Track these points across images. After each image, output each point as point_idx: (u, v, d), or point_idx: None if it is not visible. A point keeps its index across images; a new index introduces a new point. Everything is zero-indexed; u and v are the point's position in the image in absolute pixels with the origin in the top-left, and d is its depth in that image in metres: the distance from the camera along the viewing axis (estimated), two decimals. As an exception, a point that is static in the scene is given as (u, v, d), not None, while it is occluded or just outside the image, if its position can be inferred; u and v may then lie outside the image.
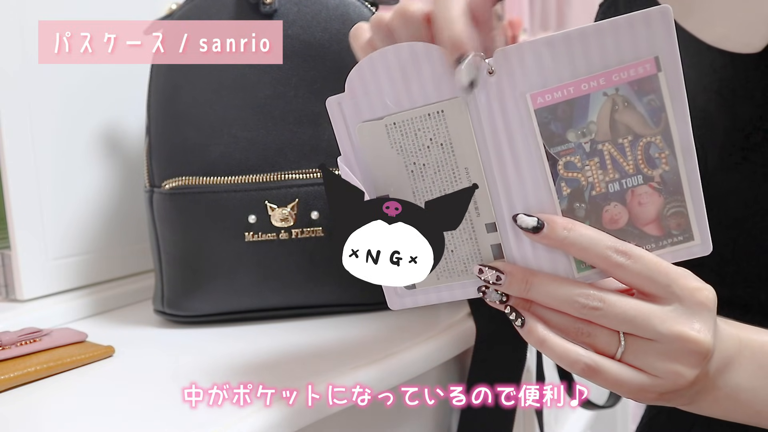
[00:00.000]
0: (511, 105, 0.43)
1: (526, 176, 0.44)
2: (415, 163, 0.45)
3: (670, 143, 0.42)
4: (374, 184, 0.46)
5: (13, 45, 0.67)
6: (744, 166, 0.57)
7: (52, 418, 0.48)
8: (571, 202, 0.43)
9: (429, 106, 0.44)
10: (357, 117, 0.46)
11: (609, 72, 0.41)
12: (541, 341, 0.43)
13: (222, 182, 0.62)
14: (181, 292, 0.65)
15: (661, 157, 0.42)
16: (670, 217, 0.43)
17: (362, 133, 0.46)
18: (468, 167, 0.45)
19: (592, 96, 0.42)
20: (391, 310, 0.66)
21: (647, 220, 0.43)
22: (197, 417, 0.46)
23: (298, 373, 0.52)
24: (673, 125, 0.42)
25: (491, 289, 0.45)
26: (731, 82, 0.57)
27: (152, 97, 0.66)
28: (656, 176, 0.43)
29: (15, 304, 0.68)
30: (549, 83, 0.42)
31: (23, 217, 0.68)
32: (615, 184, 0.43)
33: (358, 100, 0.45)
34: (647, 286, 0.42)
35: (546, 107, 0.42)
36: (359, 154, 0.46)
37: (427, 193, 0.46)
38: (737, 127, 0.57)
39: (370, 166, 0.46)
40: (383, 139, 0.45)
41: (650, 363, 0.42)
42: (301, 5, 0.63)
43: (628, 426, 1.47)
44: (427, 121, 0.44)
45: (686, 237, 0.43)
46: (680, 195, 0.43)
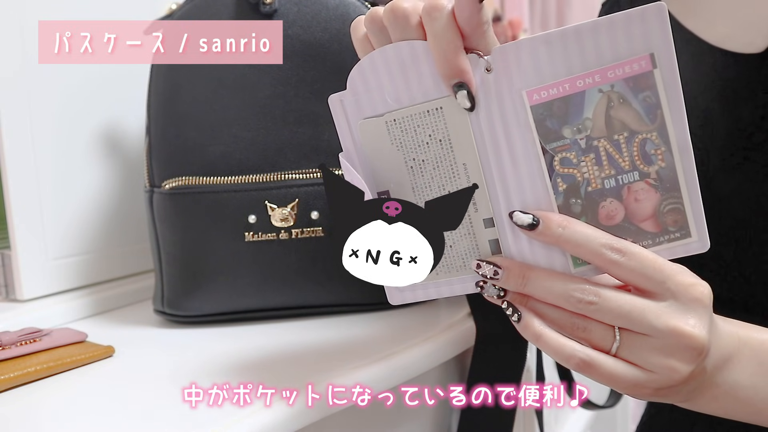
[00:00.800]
0: (508, 102, 0.43)
1: (523, 172, 0.44)
2: (414, 159, 0.46)
3: (666, 140, 0.42)
4: (375, 180, 0.47)
5: (13, 45, 0.67)
6: (746, 167, 0.57)
7: (52, 418, 0.48)
8: (567, 198, 0.44)
9: (428, 102, 0.44)
10: (358, 114, 0.46)
11: (604, 69, 0.42)
12: (537, 336, 0.43)
13: (222, 182, 0.62)
14: (181, 292, 0.65)
15: (657, 153, 0.43)
16: (666, 213, 0.43)
17: (363, 130, 0.46)
18: (466, 163, 0.45)
19: (587, 93, 0.42)
20: (391, 310, 0.66)
21: (644, 217, 0.43)
22: (197, 417, 0.46)
23: (298, 373, 0.52)
24: (669, 122, 0.42)
25: (489, 284, 0.45)
26: (733, 83, 0.57)
27: (152, 97, 0.66)
28: (652, 173, 0.43)
29: (15, 304, 0.68)
30: (545, 80, 0.42)
31: (23, 217, 0.68)
32: (611, 180, 0.43)
33: (359, 97, 0.46)
34: (642, 282, 0.42)
35: (542, 104, 0.43)
36: (360, 150, 0.47)
37: (426, 189, 0.46)
38: (739, 128, 0.57)
39: (371, 162, 0.47)
40: (384, 136, 0.46)
41: (645, 358, 0.42)
42: (301, 5, 0.63)
43: (628, 426, 1.47)
44: (426, 118, 0.45)
45: (683, 234, 0.44)
46: (677, 192, 0.43)
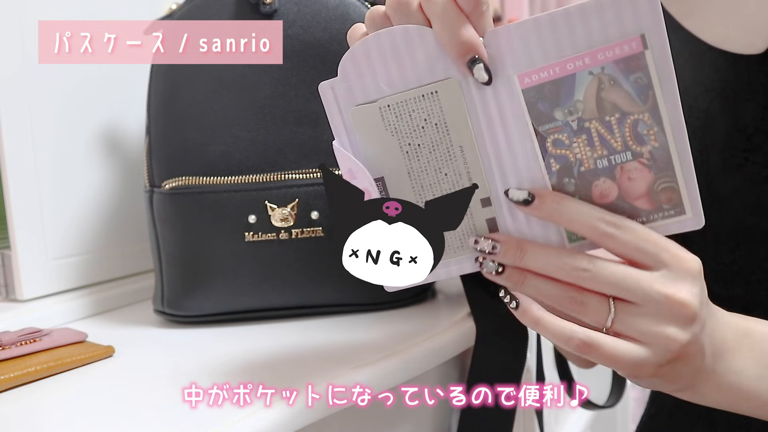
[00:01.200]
0: (501, 85, 0.44)
1: (518, 153, 0.45)
2: (410, 144, 0.46)
3: (659, 120, 0.42)
4: (368, 167, 0.47)
5: (13, 45, 0.67)
6: (746, 168, 0.57)
7: (52, 418, 0.48)
8: (560, 178, 0.44)
9: (423, 87, 0.45)
10: (350, 101, 0.46)
11: (594, 51, 0.42)
12: (536, 321, 0.44)
13: (222, 182, 0.62)
14: (181, 292, 0.65)
15: (650, 134, 0.43)
16: (660, 192, 0.44)
17: (356, 117, 0.46)
18: (462, 145, 0.45)
19: (577, 75, 0.42)
20: (391, 310, 0.66)
21: (637, 195, 0.44)
22: (197, 417, 0.46)
23: (298, 373, 0.52)
24: (661, 102, 0.42)
25: (487, 260, 0.46)
26: (733, 84, 0.57)
27: (152, 97, 0.66)
28: (645, 152, 0.43)
29: (15, 304, 0.68)
30: (535, 63, 0.43)
31: (23, 217, 0.68)
32: (603, 161, 0.44)
33: (351, 83, 0.46)
34: (636, 255, 0.43)
35: (533, 87, 0.43)
36: (353, 137, 0.47)
37: (423, 173, 0.46)
38: (739, 128, 0.57)
39: (364, 149, 0.47)
40: (377, 122, 0.46)
41: (639, 327, 0.43)
42: (301, 5, 0.63)
43: (628, 426, 1.47)
44: (422, 102, 0.45)
45: (677, 211, 0.44)
46: (671, 171, 0.43)
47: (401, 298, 0.66)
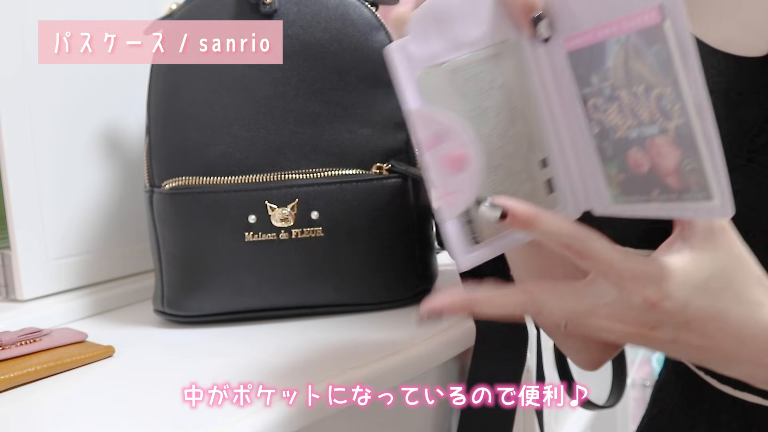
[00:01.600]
0: (554, 46, 0.45)
1: (570, 113, 0.46)
2: (479, 107, 0.46)
3: (681, 96, 0.41)
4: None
5: (13, 45, 0.67)
6: (750, 168, 0.57)
7: (52, 418, 0.48)
8: (600, 142, 0.45)
9: (487, 48, 0.45)
10: (419, 63, 0.45)
11: (620, 20, 0.42)
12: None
13: (222, 182, 0.62)
14: (181, 292, 0.65)
15: (674, 109, 0.41)
16: (689, 173, 0.42)
17: (425, 79, 0.45)
18: (523, 108, 0.46)
19: (607, 43, 0.43)
20: (391, 310, 0.66)
21: (666, 171, 0.43)
22: (197, 417, 0.46)
23: (298, 373, 0.52)
24: (682, 78, 0.41)
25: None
26: (737, 85, 0.57)
27: (152, 97, 0.66)
28: (671, 128, 0.42)
29: (15, 304, 0.68)
30: (578, 27, 0.43)
31: (23, 217, 0.68)
32: (633, 131, 0.44)
33: (419, 44, 0.45)
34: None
35: (575, 51, 0.44)
36: (423, 100, 0.46)
37: (489, 138, 0.46)
38: (743, 129, 0.57)
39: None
40: (445, 85, 0.45)
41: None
42: (301, 5, 0.63)
43: (628, 426, 1.47)
44: (486, 64, 0.45)
45: (705, 195, 0.42)
46: (696, 152, 0.41)
47: (401, 298, 0.66)
